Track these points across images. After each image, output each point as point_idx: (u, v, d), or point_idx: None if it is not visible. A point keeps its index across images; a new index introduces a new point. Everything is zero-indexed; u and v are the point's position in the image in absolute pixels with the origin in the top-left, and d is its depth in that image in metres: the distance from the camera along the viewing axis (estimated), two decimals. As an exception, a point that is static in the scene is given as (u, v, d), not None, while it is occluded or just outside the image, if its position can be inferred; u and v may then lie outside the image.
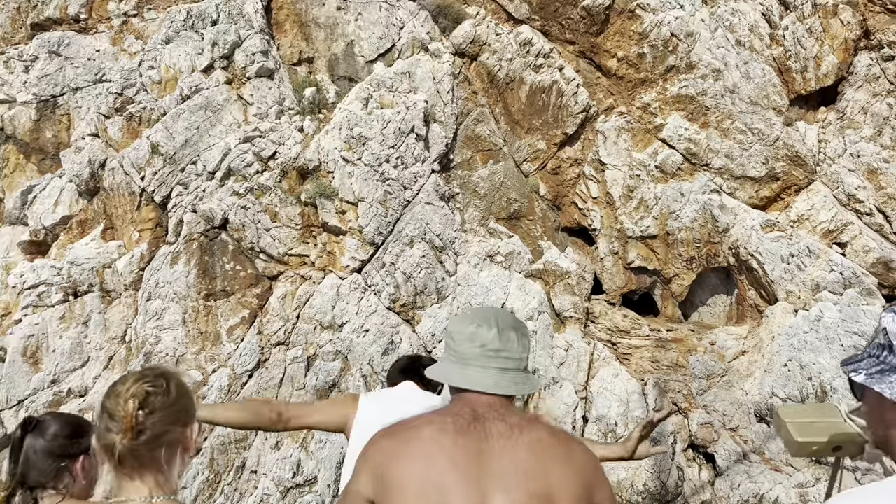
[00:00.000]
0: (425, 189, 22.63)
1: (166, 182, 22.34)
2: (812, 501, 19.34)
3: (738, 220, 23.84)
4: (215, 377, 21.14)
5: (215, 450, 20.63)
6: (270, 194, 21.80)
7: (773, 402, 21.27)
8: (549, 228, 24.63)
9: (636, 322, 23.98)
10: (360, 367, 20.86)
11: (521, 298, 22.35)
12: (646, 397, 22.06)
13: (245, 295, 21.36)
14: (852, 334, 21.20)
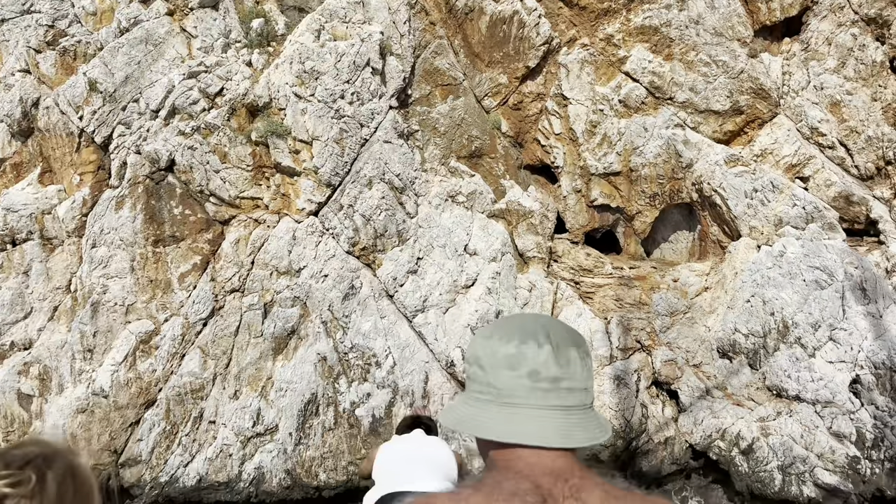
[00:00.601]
0: (383, 127, 21.69)
1: (107, 122, 21.00)
2: (774, 435, 19.54)
3: (702, 156, 23.46)
4: (168, 326, 20.31)
5: (171, 401, 19.96)
6: (219, 134, 20.66)
7: (735, 339, 21.32)
8: (511, 167, 23.97)
9: (599, 260, 23.68)
10: (319, 313, 20.22)
11: (484, 239, 21.80)
12: (609, 336, 21.92)
13: (196, 240, 20.38)
14: (814, 269, 21.20)
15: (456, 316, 20.88)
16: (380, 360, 20.11)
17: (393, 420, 19.98)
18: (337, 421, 19.94)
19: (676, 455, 20.64)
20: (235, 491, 19.63)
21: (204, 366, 20.01)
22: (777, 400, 20.43)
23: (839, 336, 20.55)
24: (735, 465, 19.74)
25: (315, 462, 19.73)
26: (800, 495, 18.75)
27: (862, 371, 20.09)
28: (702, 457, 20.77)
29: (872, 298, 21.03)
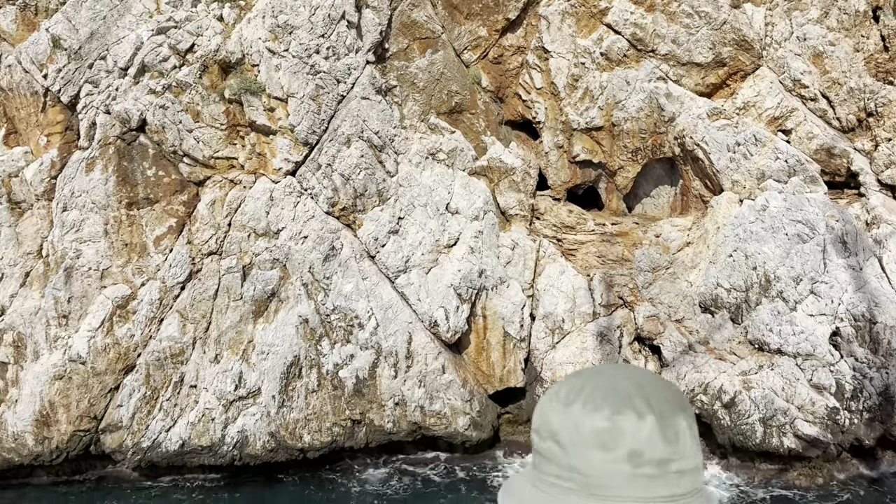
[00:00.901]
0: (360, 82, 21.12)
1: (73, 80, 20.25)
2: (755, 388, 19.70)
3: (684, 109, 23.18)
4: (145, 290, 19.89)
5: (150, 366, 19.66)
6: (191, 92, 19.99)
7: (717, 293, 21.35)
8: (492, 122, 23.55)
9: (581, 217, 23.51)
10: (299, 275, 19.89)
11: (466, 198, 21.49)
12: (592, 292, 21.86)
13: (170, 203, 19.87)
14: (796, 223, 21.18)
15: (438, 276, 20.66)
16: (362, 321, 19.90)
17: (377, 381, 19.88)
18: (320, 383, 19.79)
19: (659, 409, 20.78)
20: (219, 455, 19.51)
21: (183, 330, 19.69)
22: (759, 353, 20.56)
23: (820, 289, 20.63)
24: (717, 419, 19.91)
25: (299, 424, 19.62)
26: (780, 447, 18.98)
27: (842, 324, 20.24)
28: (684, 411, 20.93)
29: (853, 251, 21.10)
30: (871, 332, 20.03)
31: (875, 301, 20.25)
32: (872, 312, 20.10)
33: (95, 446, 20.07)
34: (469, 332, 20.92)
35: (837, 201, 22.55)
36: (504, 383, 21.15)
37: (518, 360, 21.05)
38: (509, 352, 21.03)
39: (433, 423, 20.00)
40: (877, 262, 21.06)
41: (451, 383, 20.16)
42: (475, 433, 20.26)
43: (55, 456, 19.79)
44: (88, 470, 20.61)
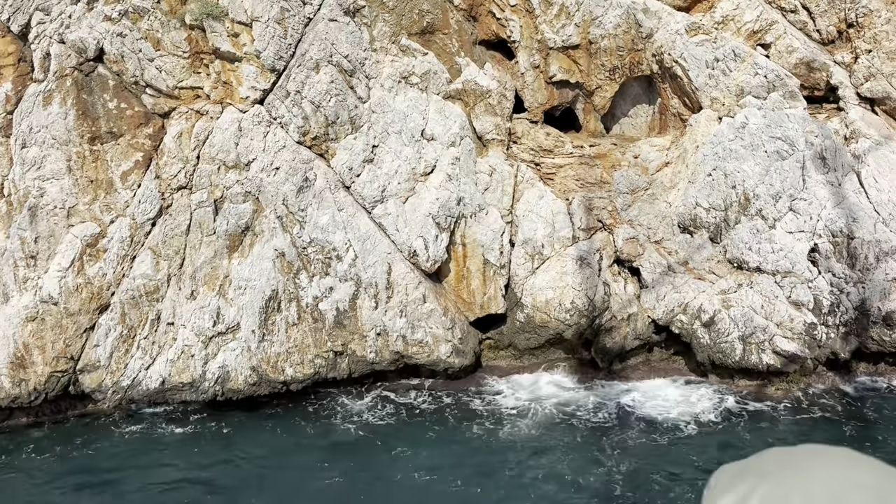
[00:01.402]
0: (327, 3, 20.17)
1: (22, 8, 19.11)
2: (734, 307, 19.84)
3: (662, 25, 22.54)
4: (114, 228, 19.32)
5: (125, 304, 19.29)
6: (149, 18, 18.98)
7: (696, 213, 21.24)
8: (465, 43, 22.76)
9: (559, 140, 23.07)
10: (273, 208, 19.39)
11: (441, 123, 20.92)
12: (571, 216, 21.65)
13: (135, 136, 19.11)
14: (776, 139, 20.96)
15: (416, 205, 20.28)
16: (340, 253, 19.58)
17: (357, 312, 19.71)
18: (300, 316, 19.58)
19: (639, 330, 20.91)
20: (201, 391, 19.40)
21: (157, 267, 19.26)
22: (738, 272, 20.62)
23: (799, 206, 20.59)
24: (697, 338, 20.09)
25: (281, 357, 19.50)
26: (759, 363, 19.25)
27: (820, 240, 20.30)
28: (664, 331, 21.09)
29: (832, 167, 20.99)
30: (849, 248, 20.12)
31: (853, 216, 20.27)
32: (850, 228, 20.15)
33: (74, 386, 19.85)
34: (449, 261, 20.71)
35: (816, 116, 22.31)
36: (485, 310, 21.09)
37: (498, 286, 20.94)
38: (489, 279, 20.90)
39: (415, 352, 19.98)
40: (855, 177, 20.99)
41: (432, 312, 20.05)
42: (457, 360, 20.30)
43: (33, 398, 19.56)
44: (68, 410, 20.44)
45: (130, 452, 18.21)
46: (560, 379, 21.05)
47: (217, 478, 16.99)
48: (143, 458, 17.85)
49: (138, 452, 18.17)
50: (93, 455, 18.19)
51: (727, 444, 17.41)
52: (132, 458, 17.94)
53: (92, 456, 18.15)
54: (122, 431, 19.21)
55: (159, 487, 16.77)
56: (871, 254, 19.90)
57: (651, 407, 19.14)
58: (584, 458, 17.06)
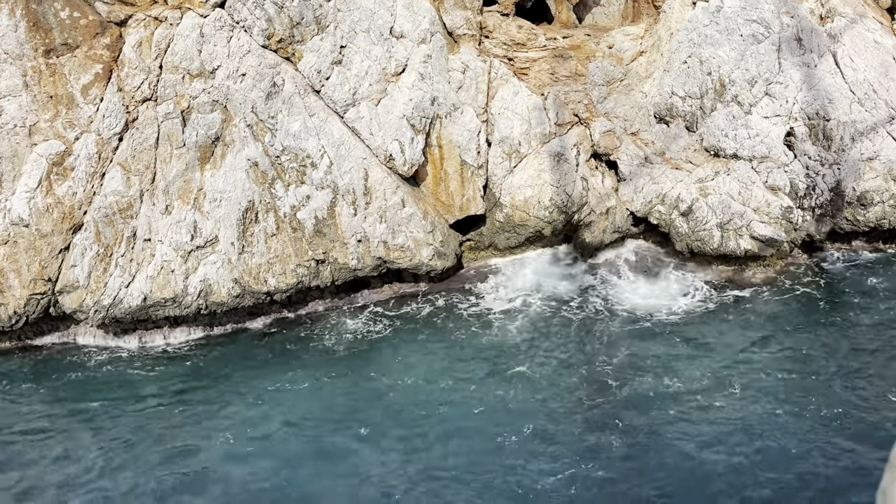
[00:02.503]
0: None
1: (-44, -87, 17.86)
2: (712, 195, 19.93)
3: None
4: (80, 145, 18.71)
5: (99, 223, 18.90)
6: (95, -82, 17.85)
7: (672, 102, 21.04)
8: (430, -67, 21.76)
9: (532, 32, 22.49)
10: (242, 116, 18.82)
11: (410, 19, 20.22)
12: (547, 112, 21.34)
13: (92, 47, 18.27)
14: (751, 23, 20.58)
15: (389, 107, 19.82)
16: (315, 160, 19.21)
17: (337, 220, 19.52)
18: (279, 226, 19.37)
19: (618, 223, 21.02)
20: (184, 305, 19.31)
21: (128, 183, 18.81)
22: (715, 160, 20.63)
23: (775, 90, 20.45)
24: (675, 227, 20.25)
25: (262, 268, 19.39)
26: (737, 249, 19.52)
27: (796, 123, 20.27)
28: (642, 223, 21.23)
29: (808, 48, 20.75)
30: (825, 130, 20.14)
31: (829, 98, 20.20)
32: (826, 109, 20.11)
33: (55, 308, 19.67)
34: (425, 164, 20.45)
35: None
36: (464, 212, 21.01)
37: (477, 187, 20.80)
38: (467, 180, 20.73)
39: (397, 257, 19.96)
40: (831, 57, 20.80)
41: (411, 216, 19.93)
42: (439, 262, 20.34)
43: (14, 321, 19.38)
44: (51, 332, 20.32)
45: (116, 377, 18.27)
46: (543, 269, 21.20)
47: (196, 399, 17.15)
48: (124, 386, 17.90)
49: (121, 379, 18.23)
50: (82, 381, 18.24)
51: (709, 330, 17.83)
52: (116, 384, 18.02)
53: (81, 382, 18.20)
54: (102, 363, 19.21)
55: (148, 407, 16.93)
56: (847, 134, 19.96)
57: (634, 297, 19.43)
58: (576, 352, 17.41)
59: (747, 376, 15.95)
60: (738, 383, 15.70)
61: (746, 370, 16.18)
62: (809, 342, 16.92)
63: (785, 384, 15.57)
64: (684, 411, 15.05)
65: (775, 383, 15.61)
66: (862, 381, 15.49)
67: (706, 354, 16.88)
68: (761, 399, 15.17)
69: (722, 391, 15.52)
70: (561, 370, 16.76)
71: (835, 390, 15.27)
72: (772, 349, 16.84)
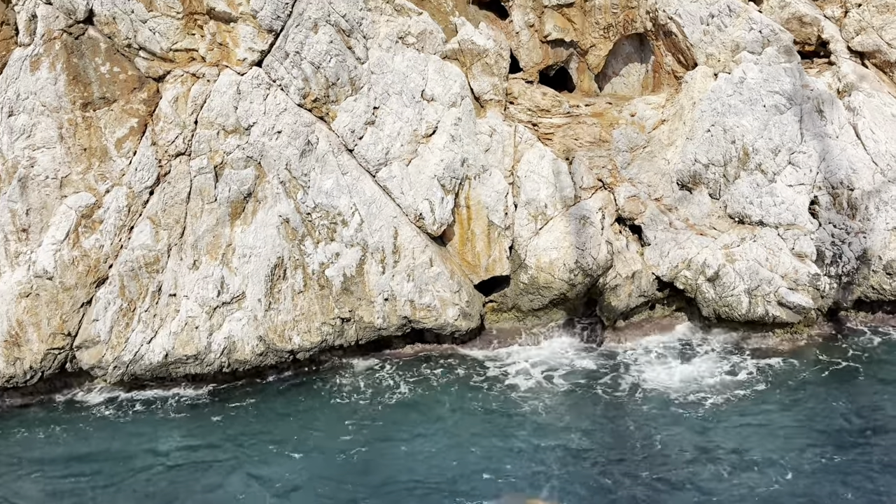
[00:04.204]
0: (321, -38, 19.55)
1: (1, -31, 18.15)
2: (739, 261, 20.01)
3: (656, -18, 22.42)
4: (110, 197, 18.61)
5: (124, 277, 18.64)
6: (138, -23, 18.17)
7: (696, 169, 21.32)
8: (460, 2, 22.35)
9: (556, 99, 22.89)
10: (276, 173, 18.86)
11: (441, 84, 20.54)
12: (572, 176, 21.53)
13: (129, 101, 18.37)
14: (773, 94, 21.07)
15: (420, 167, 19.94)
16: (346, 218, 19.19)
17: (365, 278, 19.38)
18: (306, 283, 19.19)
19: (643, 288, 20.97)
20: (206, 363, 18.92)
21: (156, 237, 18.65)
22: (739, 227, 20.79)
23: (798, 159, 20.79)
24: (702, 293, 20.24)
25: (287, 326, 19.11)
26: (766, 315, 19.49)
27: (820, 192, 20.54)
28: (667, 287, 21.21)
29: (829, 120, 21.20)
30: (850, 199, 20.41)
31: (852, 168, 20.55)
32: (850, 179, 20.43)
33: (71, 363, 19.23)
34: (453, 224, 20.47)
35: (808, 71, 22.48)
36: (490, 272, 20.95)
37: (503, 248, 20.79)
38: (494, 240, 20.73)
39: (423, 316, 19.77)
40: (852, 129, 21.24)
41: (439, 275, 19.83)
42: (464, 323, 20.15)
43: (29, 377, 18.91)
44: (64, 388, 19.81)
45: (125, 435, 17.75)
46: (566, 340, 21.06)
47: (210, 459, 16.63)
48: (134, 443, 17.33)
49: (132, 437, 17.71)
50: (85, 440, 17.69)
51: (744, 409, 17.64)
52: (125, 442, 17.49)
53: (84, 440, 17.65)
54: (118, 417, 18.66)
55: (157, 470, 16.40)
56: (872, 204, 20.23)
57: (661, 370, 19.23)
58: (600, 432, 17.09)
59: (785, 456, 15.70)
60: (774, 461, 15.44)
61: (781, 446, 15.93)
62: (843, 418, 16.70)
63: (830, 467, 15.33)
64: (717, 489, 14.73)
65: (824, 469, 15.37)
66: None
67: (741, 435, 16.62)
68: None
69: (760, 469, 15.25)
70: (584, 449, 16.41)
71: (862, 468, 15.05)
72: (806, 427, 16.59)
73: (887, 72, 22.99)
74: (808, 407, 17.05)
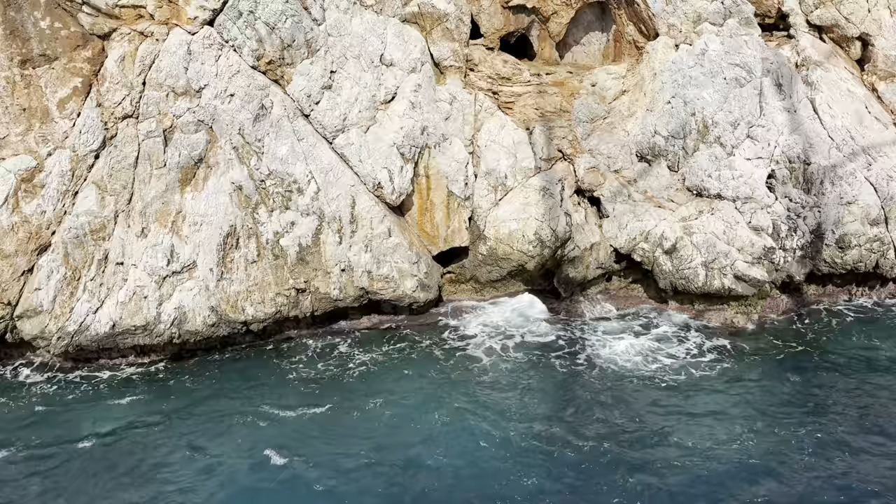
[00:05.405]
0: (276, -83, 18.71)
1: (-71, -87, 16.92)
2: (697, 233, 20.07)
3: (620, -51, 22.08)
4: (53, 161, 17.70)
5: (68, 244, 17.83)
6: (80, -73, 17.13)
7: (655, 141, 21.23)
8: (420, -36, 21.67)
9: (516, 67, 22.49)
10: (228, 138, 18.16)
11: (401, 48, 19.98)
12: (533, 147, 21.27)
13: (72, 60, 17.40)
14: (735, 66, 21.02)
15: (379, 135, 19.43)
16: (301, 186, 18.63)
17: (321, 248, 18.91)
18: (260, 253, 18.64)
19: (602, 260, 20.92)
20: (155, 334, 18.29)
21: (102, 203, 17.86)
22: (698, 200, 20.83)
23: (757, 133, 20.85)
24: (659, 265, 20.27)
25: (241, 296, 18.58)
26: (722, 288, 19.63)
27: (777, 166, 20.66)
28: (624, 259, 21.21)
29: (787, 94, 21.29)
30: (805, 173, 20.60)
31: (809, 142, 20.71)
32: (807, 153, 20.59)
33: (12, 334, 18.41)
34: (412, 194, 20.08)
35: (768, 44, 22.50)
36: (448, 243, 20.66)
37: (462, 219, 20.51)
38: (454, 211, 20.42)
39: (381, 288, 19.43)
40: (809, 103, 21.38)
41: (397, 246, 19.47)
42: (423, 294, 19.88)
43: (-34, 348, 18.09)
44: (4, 360, 19.00)
45: (70, 410, 17.13)
46: (524, 311, 20.96)
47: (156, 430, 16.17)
48: (78, 418, 16.72)
49: (78, 410, 17.10)
50: (26, 415, 17.02)
51: (699, 381, 17.80)
52: (69, 417, 16.88)
53: (24, 415, 16.98)
54: (63, 392, 17.96)
55: (103, 442, 15.86)
56: (826, 178, 20.45)
57: (616, 342, 19.27)
58: (557, 404, 17.09)
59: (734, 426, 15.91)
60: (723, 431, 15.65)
61: (727, 418, 16.14)
62: (794, 389, 16.97)
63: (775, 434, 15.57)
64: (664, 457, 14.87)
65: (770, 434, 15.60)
66: (838, 427, 15.60)
67: (687, 402, 16.78)
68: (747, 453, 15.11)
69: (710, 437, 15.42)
70: (540, 419, 16.40)
71: (805, 435, 15.34)
72: (758, 395, 16.85)
73: (844, 47, 23.16)
74: (759, 377, 17.29)
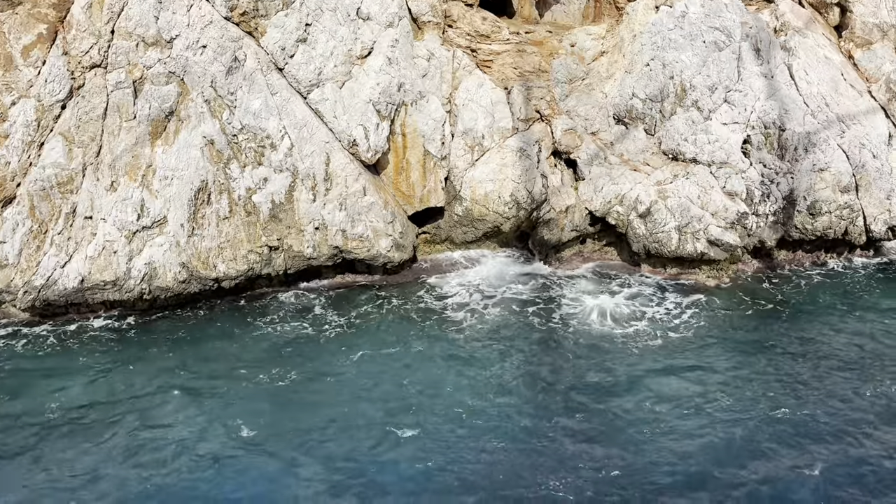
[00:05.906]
0: None
1: None
2: (671, 197, 20.12)
3: None
4: (17, 111, 17.18)
5: (34, 196, 17.42)
6: None
7: (632, 104, 21.14)
8: (399, -84, 21.14)
9: (496, 25, 22.16)
10: (200, 90, 17.72)
11: (378, 2, 19.56)
12: (511, 106, 21.09)
13: (36, 5, 16.78)
14: (714, 30, 20.91)
15: (355, 91, 19.11)
16: (275, 141, 18.31)
17: (294, 205, 18.67)
18: (232, 209, 18.36)
19: (577, 222, 20.94)
20: (125, 289, 18.03)
21: (70, 155, 17.42)
22: (673, 163, 20.84)
23: (734, 98, 20.83)
24: (633, 228, 20.33)
25: (212, 253, 18.34)
26: (694, 252, 19.76)
27: (753, 131, 20.70)
28: (598, 222, 21.25)
29: (765, 59, 21.25)
30: (780, 139, 20.66)
31: (785, 108, 20.74)
32: (782, 119, 20.64)
33: (-24, 288, 18.05)
34: (388, 152, 19.85)
35: (748, 8, 22.39)
36: (424, 203, 20.53)
37: (439, 179, 20.35)
38: (430, 171, 20.24)
39: (355, 247, 19.28)
40: (786, 69, 21.38)
41: (372, 205, 19.29)
42: (398, 254, 19.78)
43: (-70, 301, 17.70)
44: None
45: (37, 366, 16.88)
46: (499, 272, 20.94)
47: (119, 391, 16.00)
48: (46, 375, 16.47)
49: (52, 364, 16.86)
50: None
51: (670, 343, 17.96)
52: (36, 374, 16.64)
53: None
54: (34, 347, 17.66)
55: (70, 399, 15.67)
56: (801, 145, 20.54)
57: (589, 301, 19.35)
58: (533, 365, 17.18)
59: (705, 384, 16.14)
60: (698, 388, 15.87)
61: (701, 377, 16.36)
62: (764, 350, 17.24)
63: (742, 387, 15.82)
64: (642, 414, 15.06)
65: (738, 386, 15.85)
66: (809, 380, 15.90)
67: (660, 355, 16.97)
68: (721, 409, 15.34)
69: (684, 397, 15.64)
70: (516, 378, 16.50)
71: (776, 388, 15.62)
72: (726, 356, 17.08)
73: (823, 12, 23.12)
74: (729, 340, 17.51)
